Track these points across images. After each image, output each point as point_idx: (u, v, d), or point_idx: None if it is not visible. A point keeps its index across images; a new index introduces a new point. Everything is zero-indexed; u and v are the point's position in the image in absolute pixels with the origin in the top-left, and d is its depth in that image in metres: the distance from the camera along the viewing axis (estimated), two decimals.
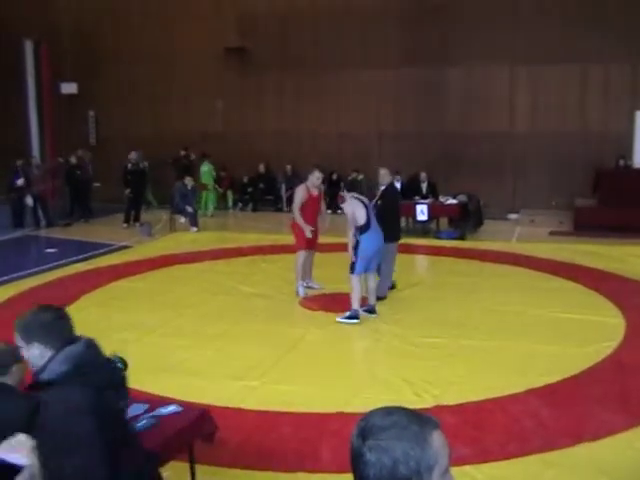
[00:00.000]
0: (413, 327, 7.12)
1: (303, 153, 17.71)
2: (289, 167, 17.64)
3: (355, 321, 6.95)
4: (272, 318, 7.59)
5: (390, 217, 8.05)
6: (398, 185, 14.34)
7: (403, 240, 12.72)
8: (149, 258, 11.12)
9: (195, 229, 13.98)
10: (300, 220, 8.07)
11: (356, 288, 7.04)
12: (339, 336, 6.89)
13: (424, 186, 14.01)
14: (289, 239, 9.00)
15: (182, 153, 17.45)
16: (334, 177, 17.48)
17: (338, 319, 7.01)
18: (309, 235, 8.09)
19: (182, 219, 14.22)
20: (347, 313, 7.05)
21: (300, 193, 8.12)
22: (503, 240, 12.64)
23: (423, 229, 13.82)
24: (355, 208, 7.06)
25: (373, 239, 7.05)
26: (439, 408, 4.95)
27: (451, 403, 5.11)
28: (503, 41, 15.74)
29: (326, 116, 17.64)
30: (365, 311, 7.33)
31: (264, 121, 18.05)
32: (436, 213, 13.63)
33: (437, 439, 1.37)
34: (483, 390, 5.34)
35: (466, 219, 13.46)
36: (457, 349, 6.42)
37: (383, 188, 8.30)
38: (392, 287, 8.47)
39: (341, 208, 16.93)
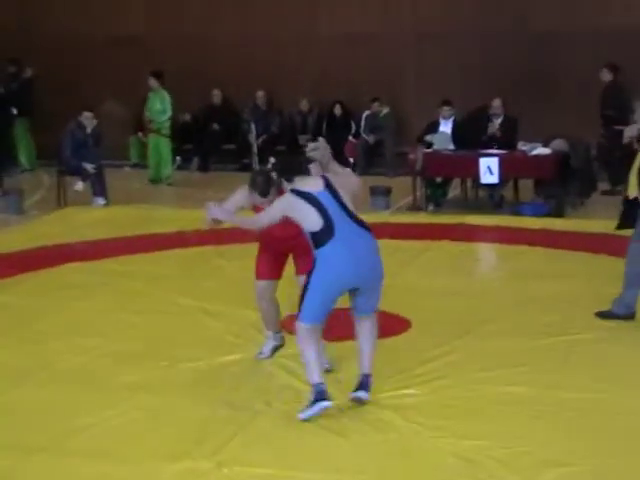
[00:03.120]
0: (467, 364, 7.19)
1: (286, 70, 17.61)
2: (261, 94, 17.59)
3: (324, 405, 6.49)
4: (232, 351, 7.59)
5: None
6: (448, 125, 14.25)
7: (457, 218, 12.73)
8: (18, 252, 11.11)
9: (101, 201, 14.04)
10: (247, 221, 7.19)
11: (307, 348, 6.46)
12: (339, 379, 6.93)
13: (496, 125, 14.00)
14: None
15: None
16: (337, 112, 17.29)
17: (300, 416, 6.58)
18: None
19: (78, 184, 14.20)
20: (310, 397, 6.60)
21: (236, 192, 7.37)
22: None
23: (492, 198, 13.92)
24: (289, 210, 6.43)
25: (343, 255, 6.37)
26: None
27: None
28: None
29: (324, 8, 17.45)
30: (355, 396, 6.75)
31: (218, 18, 17.90)
32: (514, 172, 13.71)
33: None
34: None
35: (566, 182, 13.44)
36: (553, 405, 6.47)
37: None
38: None
39: (348, 163, 17.04)
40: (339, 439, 6.00)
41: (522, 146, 13.68)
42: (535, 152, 13.42)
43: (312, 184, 6.47)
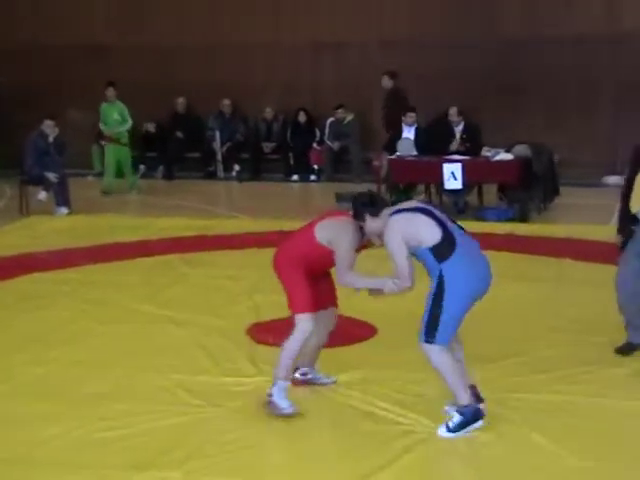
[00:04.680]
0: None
1: (252, 78, 17.53)
2: (227, 102, 17.50)
3: (479, 424, 6.26)
4: (199, 361, 7.53)
5: None
6: (411, 132, 14.30)
7: None
8: None
9: (65, 210, 14.01)
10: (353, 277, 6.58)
11: (446, 365, 6.19)
12: (314, 388, 6.91)
13: (458, 132, 14.08)
14: (227, 226, 8.84)
15: None
16: (301, 119, 17.32)
17: (442, 433, 6.37)
18: None
19: (41, 194, 14.15)
20: (454, 416, 6.42)
21: (350, 233, 6.41)
22: (595, 222, 12.57)
23: (456, 204, 13.94)
24: (411, 227, 6.00)
25: (470, 264, 6.13)
26: None
27: None
28: None
29: (289, 17, 17.51)
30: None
31: (184, 27, 18.07)
32: (478, 177, 13.82)
33: None
34: None
35: (529, 186, 13.53)
36: (516, 409, 6.41)
37: None
38: None
39: (313, 170, 17.11)
40: (309, 447, 5.98)
41: (486, 152, 13.77)
42: (498, 157, 13.52)
43: (408, 204, 6.38)
